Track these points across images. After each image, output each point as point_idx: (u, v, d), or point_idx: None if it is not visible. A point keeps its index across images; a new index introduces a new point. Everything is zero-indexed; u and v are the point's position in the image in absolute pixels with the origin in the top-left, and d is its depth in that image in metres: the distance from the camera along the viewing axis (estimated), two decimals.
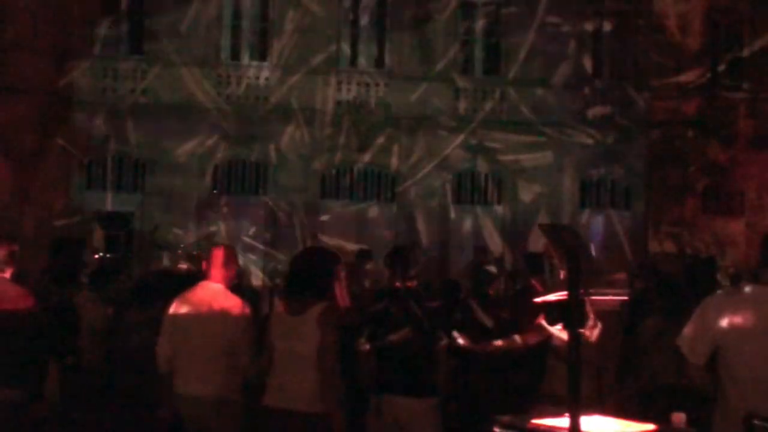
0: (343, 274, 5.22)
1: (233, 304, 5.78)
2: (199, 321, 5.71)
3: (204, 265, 6.02)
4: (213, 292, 5.80)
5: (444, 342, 6.04)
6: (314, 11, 19.71)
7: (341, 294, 5.10)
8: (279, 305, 5.38)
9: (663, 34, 20.64)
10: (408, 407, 5.77)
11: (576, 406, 3.45)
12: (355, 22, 20.43)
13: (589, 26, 20.97)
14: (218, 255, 5.92)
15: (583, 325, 3.57)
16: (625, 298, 5.14)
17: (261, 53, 20.03)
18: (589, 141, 20.43)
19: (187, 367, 5.70)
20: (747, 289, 4.63)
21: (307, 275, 5.15)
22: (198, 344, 5.68)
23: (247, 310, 5.78)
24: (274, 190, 19.77)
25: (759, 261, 4.60)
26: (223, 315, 5.69)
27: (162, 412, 5.80)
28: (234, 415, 5.68)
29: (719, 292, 4.74)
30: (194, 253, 14.94)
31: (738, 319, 4.48)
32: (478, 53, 20.82)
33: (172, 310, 5.87)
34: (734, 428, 4.24)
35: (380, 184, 20.32)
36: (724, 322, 4.51)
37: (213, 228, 18.99)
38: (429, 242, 19.32)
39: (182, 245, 17.31)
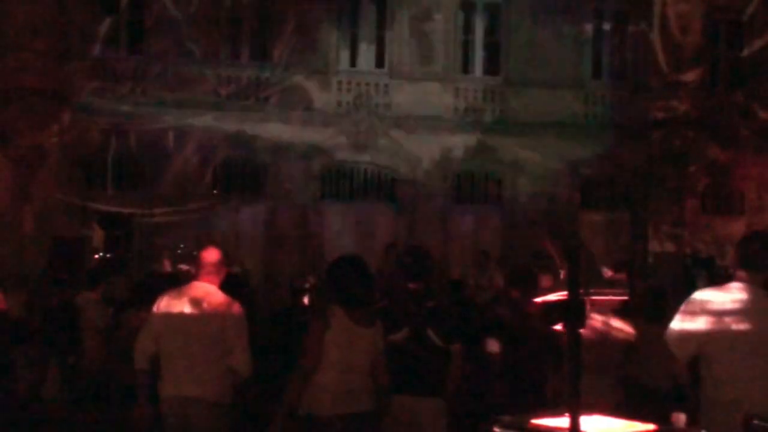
0: None
1: (228, 304, 5.70)
2: (193, 322, 5.60)
3: (192, 266, 5.97)
4: (206, 293, 5.71)
5: (457, 345, 5.99)
6: (314, 11, 19.71)
7: None
8: (337, 312, 5.34)
9: (663, 34, 20.64)
10: (410, 406, 5.77)
11: (576, 406, 3.45)
12: (355, 22, 20.43)
13: (589, 26, 20.98)
14: (208, 256, 5.85)
15: (583, 325, 3.57)
16: (626, 298, 5.14)
17: (261, 52, 20.02)
18: (589, 141, 20.42)
19: (180, 369, 5.58)
20: (729, 289, 4.71)
21: (368, 287, 5.45)
22: (192, 345, 5.56)
23: (242, 310, 5.71)
24: (274, 191, 19.76)
25: (736, 262, 4.70)
26: (219, 316, 5.62)
27: (138, 409, 5.71)
28: (226, 418, 5.62)
29: (701, 291, 4.82)
30: (194, 253, 14.90)
31: (720, 321, 4.57)
32: (478, 53, 20.83)
33: (161, 308, 5.74)
34: (717, 426, 4.30)
35: (380, 184, 20.32)
36: (708, 323, 4.59)
37: (213, 228, 18.97)
38: (429, 242, 19.29)
39: (182, 246, 17.29)
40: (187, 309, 5.64)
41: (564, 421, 3.56)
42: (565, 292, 3.56)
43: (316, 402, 5.23)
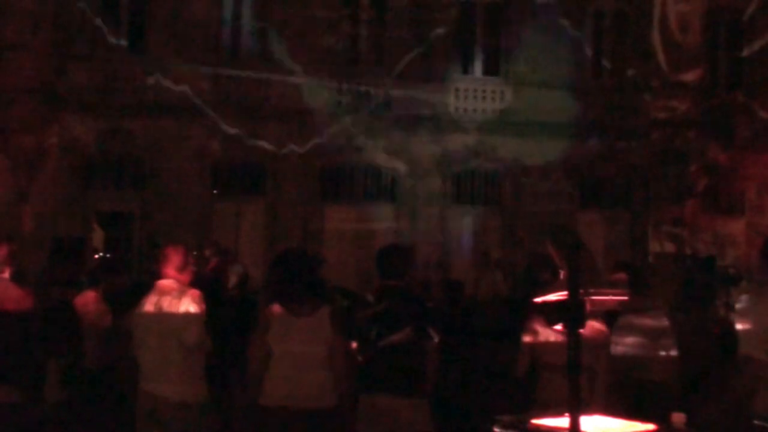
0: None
1: (183, 292, 5.80)
2: (158, 319, 5.71)
3: (157, 266, 6.04)
4: (169, 288, 5.81)
5: (435, 341, 5.99)
6: (314, 11, 19.69)
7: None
8: (275, 308, 5.45)
9: (663, 34, 20.64)
10: (401, 407, 5.76)
11: (576, 406, 3.46)
12: (355, 22, 20.42)
13: (589, 26, 20.97)
14: (171, 254, 5.94)
15: (583, 325, 3.57)
16: (625, 298, 5.14)
17: (261, 53, 20.00)
18: (589, 141, 20.42)
19: (152, 368, 5.70)
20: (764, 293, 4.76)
21: (308, 278, 5.42)
22: (161, 344, 5.67)
23: (197, 293, 5.80)
24: (273, 191, 19.75)
25: (761, 266, 4.72)
26: (179, 308, 5.70)
27: None
28: (200, 418, 5.65)
29: (748, 294, 4.89)
30: (194, 253, 14.89)
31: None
32: (478, 53, 20.83)
33: (135, 313, 5.89)
34: None
35: (380, 184, 20.31)
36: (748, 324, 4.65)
37: (213, 228, 18.95)
38: (429, 242, 19.30)
39: None
40: (152, 308, 5.75)
41: (564, 421, 3.57)
42: (565, 292, 3.56)
43: (264, 393, 5.37)
